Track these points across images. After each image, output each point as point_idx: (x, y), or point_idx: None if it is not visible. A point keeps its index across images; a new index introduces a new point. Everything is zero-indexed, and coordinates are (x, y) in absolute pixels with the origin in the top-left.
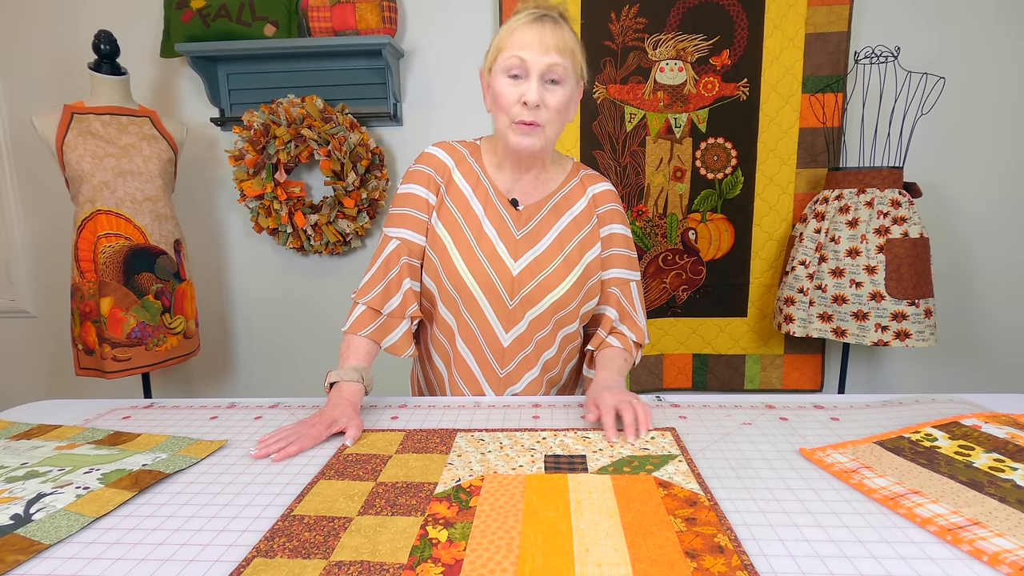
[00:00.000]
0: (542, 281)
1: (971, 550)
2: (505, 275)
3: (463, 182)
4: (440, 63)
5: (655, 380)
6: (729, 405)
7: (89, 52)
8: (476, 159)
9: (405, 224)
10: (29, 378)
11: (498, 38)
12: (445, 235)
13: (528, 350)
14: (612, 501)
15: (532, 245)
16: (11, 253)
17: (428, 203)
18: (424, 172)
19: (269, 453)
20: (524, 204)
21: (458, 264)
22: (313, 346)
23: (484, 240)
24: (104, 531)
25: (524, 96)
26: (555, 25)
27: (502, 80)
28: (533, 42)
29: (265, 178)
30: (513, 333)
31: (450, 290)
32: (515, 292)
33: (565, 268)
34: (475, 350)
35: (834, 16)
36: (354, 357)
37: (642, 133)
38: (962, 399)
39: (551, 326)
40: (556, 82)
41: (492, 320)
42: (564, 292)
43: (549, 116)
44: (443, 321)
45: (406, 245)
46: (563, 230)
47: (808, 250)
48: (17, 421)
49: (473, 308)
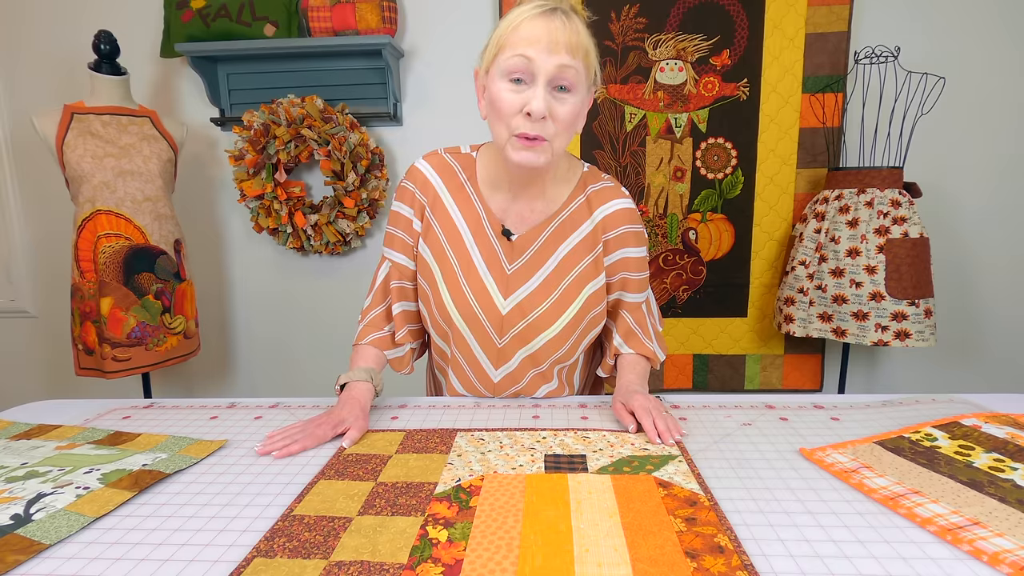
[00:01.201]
0: (533, 321)
1: (971, 550)
2: (493, 314)
3: (451, 203)
4: (440, 63)
5: (655, 380)
6: (729, 405)
7: (89, 52)
8: (469, 175)
9: (394, 247)
10: (29, 378)
11: (498, 33)
12: (433, 265)
13: (520, 386)
14: (612, 501)
15: (524, 281)
16: (11, 253)
17: (411, 226)
18: (409, 190)
19: (272, 450)
20: (519, 232)
21: (445, 299)
22: (313, 346)
23: (472, 274)
24: (104, 531)
25: (528, 105)
26: (567, 19)
27: (502, 84)
28: (541, 38)
29: (265, 178)
30: (503, 371)
31: (440, 322)
32: (504, 332)
33: (560, 306)
34: (465, 384)
35: (834, 16)
36: (363, 361)
37: (642, 133)
38: (962, 399)
39: (547, 364)
40: (566, 89)
41: (481, 358)
42: (558, 332)
43: (557, 129)
44: (437, 347)
45: (397, 269)
46: (561, 261)
47: (808, 250)
48: (17, 421)
49: (461, 344)
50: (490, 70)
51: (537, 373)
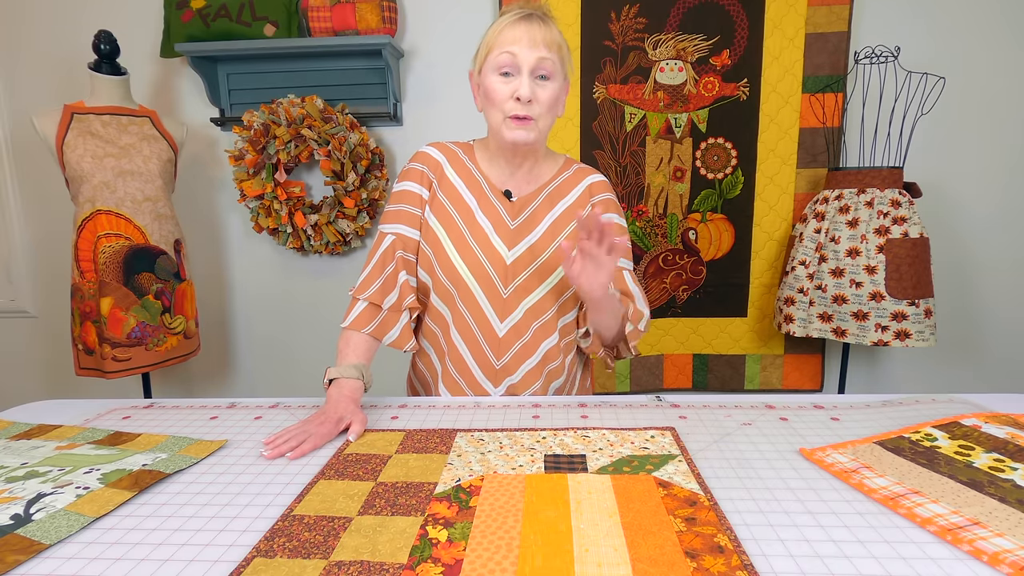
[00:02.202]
0: (537, 268)
1: (971, 550)
2: (499, 264)
3: (455, 177)
4: (440, 63)
5: (655, 380)
6: (729, 405)
7: (89, 52)
8: (469, 156)
9: (400, 220)
10: (29, 378)
11: (487, 38)
12: (438, 227)
13: (525, 338)
14: (612, 501)
15: (526, 234)
16: (11, 253)
17: (421, 198)
18: (416, 169)
19: (283, 452)
20: (518, 195)
21: (451, 254)
22: (313, 346)
23: (477, 230)
24: (104, 531)
25: (516, 92)
26: (542, 22)
27: (493, 78)
28: (522, 38)
29: (265, 178)
30: (508, 322)
31: (444, 281)
32: (509, 281)
33: (559, 254)
34: (470, 341)
35: (834, 16)
36: (354, 354)
37: (642, 133)
38: (962, 399)
39: (550, 314)
40: (546, 77)
41: (487, 309)
42: (560, 279)
43: (541, 110)
44: (437, 313)
45: (401, 240)
46: (557, 218)
47: (808, 250)
48: (17, 421)
49: (467, 298)
50: (482, 69)
51: (540, 325)
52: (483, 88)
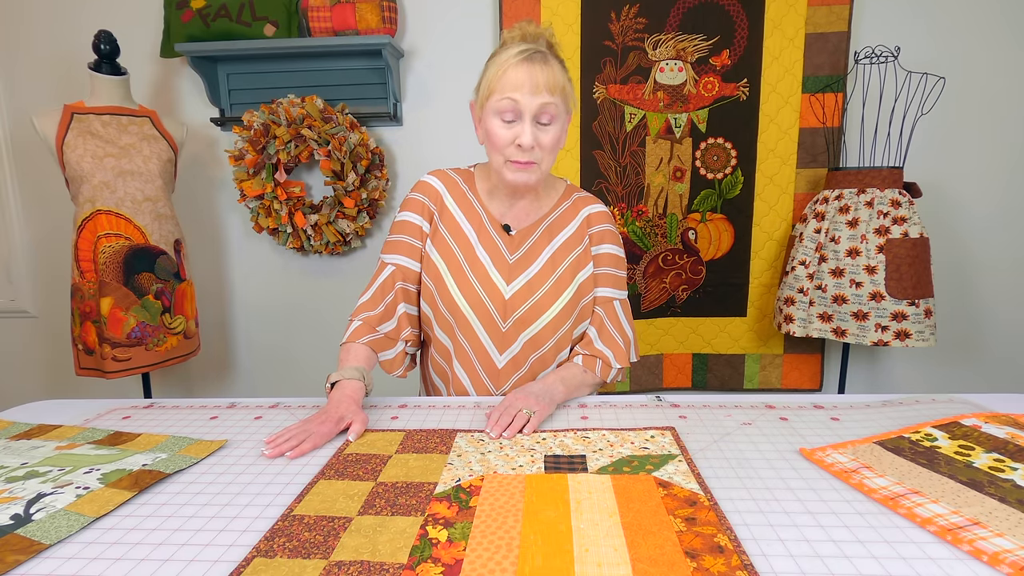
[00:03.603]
0: (535, 303)
1: (971, 550)
2: (497, 298)
3: (456, 208)
4: (440, 63)
5: (655, 380)
6: (729, 405)
7: (89, 52)
8: (469, 185)
9: (400, 251)
10: (29, 378)
11: (488, 78)
12: (439, 260)
13: (523, 371)
14: (612, 501)
15: (525, 268)
16: (11, 253)
17: (422, 230)
18: (417, 200)
19: (283, 452)
20: (517, 229)
21: (452, 288)
22: (313, 346)
23: (477, 265)
24: (104, 531)
25: (519, 138)
26: (544, 63)
27: (495, 122)
28: (524, 83)
29: (265, 178)
30: (507, 355)
31: (445, 314)
32: (508, 315)
33: (557, 289)
34: (470, 372)
35: (834, 16)
36: (354, 360)
37: (642, 133)
38: (962, 399)
39: (549, 346)
40: (548, 123)
41: (486, 342)
42: (557, 313)
43: (543, 154)
44: (440, 344)
45: (401, 271)
46: (555, 252)
47: (808, 250)
48: (17, 421)
49: (467, 331)
50: (484, 107)
51: (537, 358)
52: (485, 128)
